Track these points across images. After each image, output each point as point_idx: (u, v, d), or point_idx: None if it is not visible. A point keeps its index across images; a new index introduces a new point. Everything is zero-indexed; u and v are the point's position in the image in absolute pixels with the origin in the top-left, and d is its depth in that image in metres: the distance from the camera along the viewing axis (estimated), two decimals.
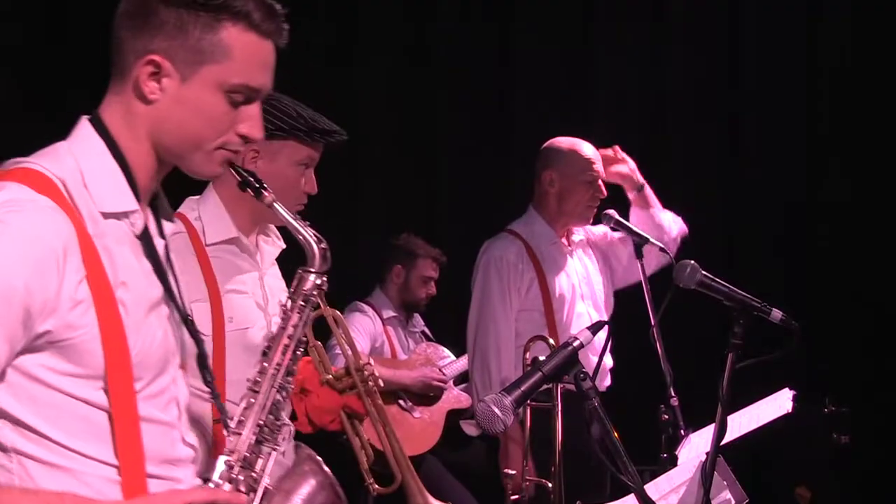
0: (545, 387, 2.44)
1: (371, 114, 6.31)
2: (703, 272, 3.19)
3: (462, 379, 5.56)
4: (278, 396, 2.00)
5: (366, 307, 5.56)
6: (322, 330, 2.95)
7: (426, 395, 5.41)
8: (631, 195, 4.58)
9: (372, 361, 3.06)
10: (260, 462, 1.96)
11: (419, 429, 5.35)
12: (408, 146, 6.36)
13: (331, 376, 2.96)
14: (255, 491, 1.94)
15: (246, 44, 1.87)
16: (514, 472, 4.08)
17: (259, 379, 2.00)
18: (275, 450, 1.99)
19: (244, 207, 2.90)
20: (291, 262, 2.90)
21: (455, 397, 5.49)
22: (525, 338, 4.24)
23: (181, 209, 2.91)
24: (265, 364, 2.01)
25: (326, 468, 2.08)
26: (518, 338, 4.34)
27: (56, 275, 1.75)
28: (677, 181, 6.34)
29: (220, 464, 1.92)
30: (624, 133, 6.06)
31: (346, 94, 6.23)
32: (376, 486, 2.99)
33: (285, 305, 2.06)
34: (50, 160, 1.85)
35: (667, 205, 6.30)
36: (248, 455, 1.94)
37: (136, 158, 1.90)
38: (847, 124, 6.22)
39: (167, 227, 2.01)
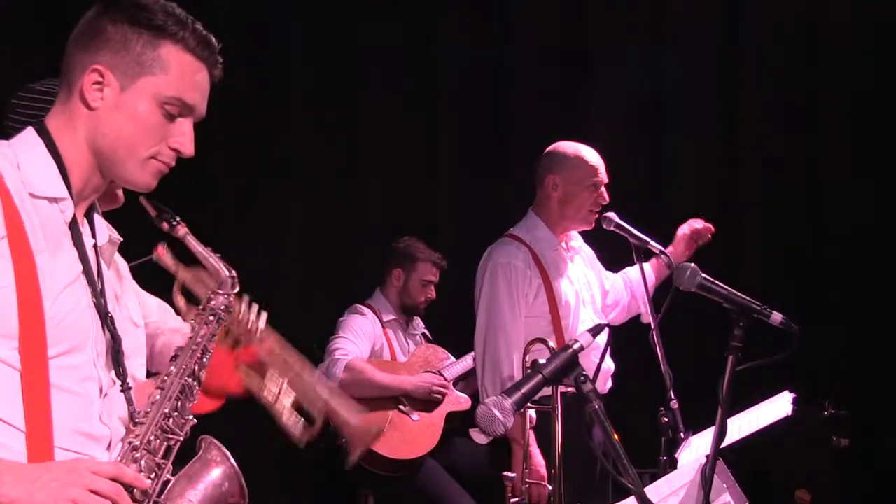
0: (546, 390, 2.44)
1: (371, 115, 6.32)
2: (703, 275, 3.19)
3: (461, 380, 5.57)
4: (182, 393, 2.08)
5: (365, 310, 5.56)
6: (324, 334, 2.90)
7: (427, 400, 5.41)
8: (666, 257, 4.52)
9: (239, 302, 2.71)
10: (163, 450, 2.03)
11: (419, 431, 5.35)
12: (409, 148, 6.36)
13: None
14: (157, 476, 2.00)
15: (182, 62, 2.05)
16: (514, 474, 4.08)
17: (165, 378, 2.09)
18: (178, 440, 2.06)
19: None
20: None
21: (454, 399, 5.48)
22: None
23: None
24: (172, 368, 2.11)
25: (232, 459, 2.14)
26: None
27: None
28: (676, 182, 6.36)
29: (125, 445, 2.01)
30: (623, 134, 6.09)
31: (347, 96, 6.24)
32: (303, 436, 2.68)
33: (193, 322, 2.18)
34: None
35: (666, 205, 6.32)
36: (151, 440, 2.01)
37: (72, 159, 2.04)
38: (847, 125, 6.22)
39: (101, 237, 2.11)
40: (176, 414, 2.07)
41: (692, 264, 3.19)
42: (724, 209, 6.31)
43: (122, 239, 2.19)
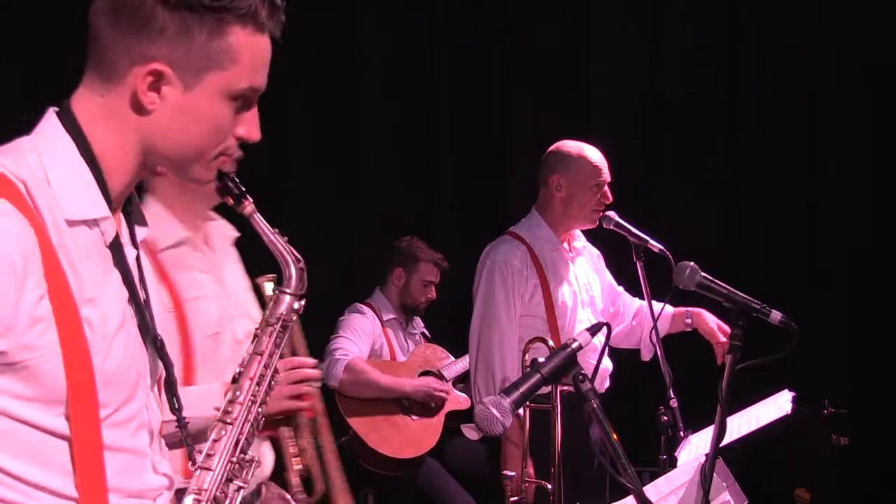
0: (545, 389, 2.43)
1: (372, 117, 6.32)
2: (703, 273, 3.19)
3: (461, 380, 5.57)
4: (249, 430, 1.86)
5: (365, 309, 5.56)
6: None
7: (427, 404, 5.42)
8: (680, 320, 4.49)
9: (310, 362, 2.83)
10: (227, 501, 1.83)
11: (418, 430, 5.35)
12: (409, 149, 6.36)
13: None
14: None
15: (252, 46, 1.74)
16: (513, 473, 4.08)
17: (230, 409, 1.85)
18: (242, 487, 1.86)
19: (186, 207, 2.76)
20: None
21: (454, 399, 5.49)
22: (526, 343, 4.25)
23: None
24: (237, 393, 1.86)
25: (289, 496, 2.03)
26: (520, 344, 4.34)
27: (14, 289, 1.58)
28: (675, 182, 6.36)
29: (189, 502, 1.79)
30: (623, 135, 6.09)
31: (347, 97, 6.24)
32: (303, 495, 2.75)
33: (258, 328, 1.93)
34: (10, 159, 1.66)
35: (665, 206, 6.32)
36: (217, 495, 1.81)
37: (113, 164, 1.73)
38: (846, 125, 6.22)
39: (140, 232, 1.85)
40: (241, 453, 1.84)
41: (692, 263, 3.19)
42: (722, 210, 6.33)
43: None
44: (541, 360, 2.37)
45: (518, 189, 5.70)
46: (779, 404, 3.59)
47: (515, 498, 4.03)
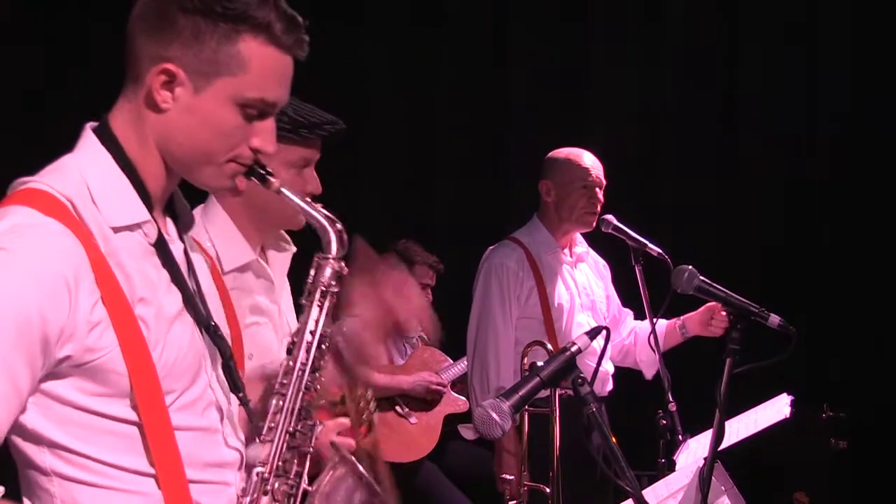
0: (543, 392, 2.43)
1: (371, 119, 6.31)
2: (702, 277, 3.20)
3: (459, 382, 5.56)
4: (306, 397, 1.94)
5: None
6: None
7: (424, 399, 5.42)
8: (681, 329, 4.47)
9: (369, 389, 2.92)
10: (294, 467, 1.92)
11: (417, 434, 5.34)
12: (407, 152, 6.36)
13: (324, 401, 2.71)
14: (294, 497, 1.92)
15: (264, 57, 1.80)
16: (511, 477, 4.08)
17: (285, 381, 1.94)
18: (307, 452, 1.94)
19: (248, 218, 2.70)
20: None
21: (453, 401, 5.49)
22: (524, 346, 4.25)
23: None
24: (290, 363, 1.94)
25: (361, 467, 2.03)
26: (517, 345, 4.35)
27: (68, 300, 1.70)
28: (675, 184, 6.36)
29: (254, 476, 1.90)
30: (622, 138, 6.09)
31: (344, 98, 6.23)
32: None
33: (303, 298, 1.97)
34: (56, 178, 1.79)
35: (665, 208, 6.32)
36: (280, 464, 1.91)
37: (147, 167, 1.84)
38: (846, 124, 6.23)
39: (186, 226, 1.95)
40: (301, 425, 1.92)
41: (690, 266, 3.20)
42: (722, 212, 6.32)
43: (294, 250, 1.99)
44: (540, 363, 2.37)
45: (517, 192, 5.70)
46: (777, 408, 3.59)
47: (514, 502, 4.03)
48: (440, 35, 6.39)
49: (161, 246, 1.85)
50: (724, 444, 3.02)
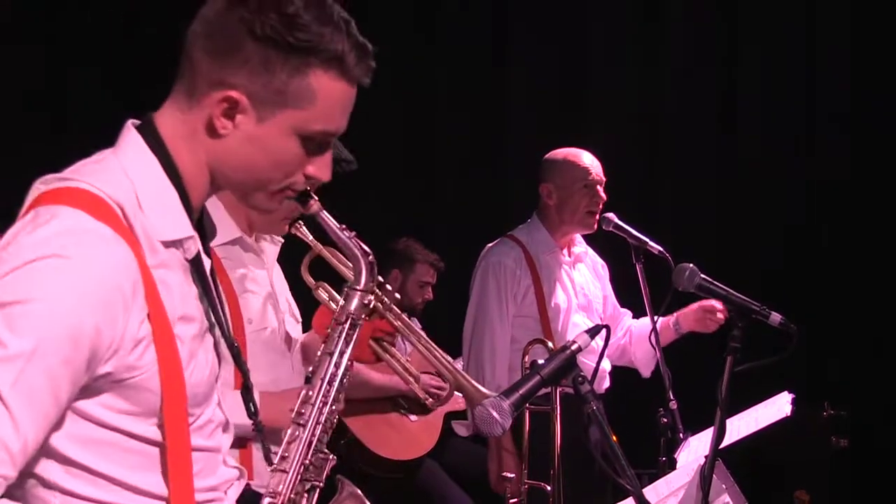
0: (544, 390, 2.43)
1: (370, 118, 6.31)
2: (702, 275, 3.19)
3: None
4: (322, 431, 1.91)
5: None
6: None
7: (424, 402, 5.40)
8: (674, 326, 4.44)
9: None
10: (304, 502, 1.90)
11: (417, 431, 5.33)
12: (407, 151, 6.36)
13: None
14: None
15: (332, 90, 1.76)
16: (512, 475, 4.07)
17: (303, 411, 1.90)
18: (318, 486, 1.92)
19: (242, 213, 2.90)
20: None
21: (452, 399, 5.48)
22: (520, 344, 4.24)
23: None
24: (309, 393, 1.90)
25: (368, 502, 2.05)
26: (514, 343, 4.35)
27: (123, 314, 1.63)
28: (674, 184, 6.36)
29: None
30: (621, 138, 6.09)
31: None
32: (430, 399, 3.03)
33: (329, 328, 1.95)
34: (103, 180, 1.70)
35: (664, 207, 6.32)
36: (292, 497, 1.87)
37: (193, 181, 1.77)
38: (844, 125, 6.23)
39: (211, 238, 1.92)
40: (314, 458, 1.89)
41: (691, 264, 3.19)
42: (721, 211, 6.32)
43: (283, 241, 1.93)
44: (540, 361, 2.37)
45: (517, 192, 5.70)
46: (778, 406, 3.59)
47: (515, 500, 4.02)
48: (440, 35, 6.39)
49: (197, 263, 1.79)
50: (725, 443, 3.02)
